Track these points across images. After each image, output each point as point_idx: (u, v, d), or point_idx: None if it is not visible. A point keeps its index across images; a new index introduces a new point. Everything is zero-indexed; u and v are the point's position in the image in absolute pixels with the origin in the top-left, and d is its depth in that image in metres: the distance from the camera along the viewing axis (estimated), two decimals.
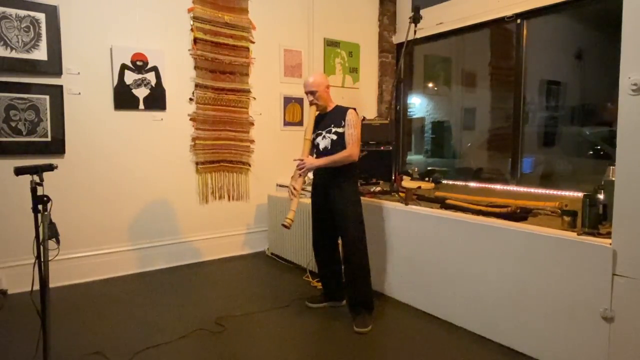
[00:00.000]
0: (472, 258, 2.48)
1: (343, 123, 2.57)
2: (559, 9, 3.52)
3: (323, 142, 2.64)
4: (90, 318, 2.69)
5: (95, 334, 2.48)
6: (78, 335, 2.45)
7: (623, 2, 1.84)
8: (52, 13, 3.09)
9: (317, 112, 2.69)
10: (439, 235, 2.67)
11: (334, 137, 2.59)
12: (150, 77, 3.53)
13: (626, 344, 1.87)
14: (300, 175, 2.59)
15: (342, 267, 2.73)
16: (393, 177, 3.48)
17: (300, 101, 4.41)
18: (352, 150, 2.53)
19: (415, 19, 3.73)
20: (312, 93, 2.61)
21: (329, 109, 2.69)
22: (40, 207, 1.76)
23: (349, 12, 4.70)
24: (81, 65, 3.25)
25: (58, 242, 1.79)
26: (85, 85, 3.28)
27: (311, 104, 2.66)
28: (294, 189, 2.56)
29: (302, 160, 2.58)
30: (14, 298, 2.98)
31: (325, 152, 2.62)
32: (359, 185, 2.75)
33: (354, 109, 2.62)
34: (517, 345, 2.27)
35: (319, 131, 2.67)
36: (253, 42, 4.04)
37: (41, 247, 1.74)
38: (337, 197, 2.60)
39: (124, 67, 3.40)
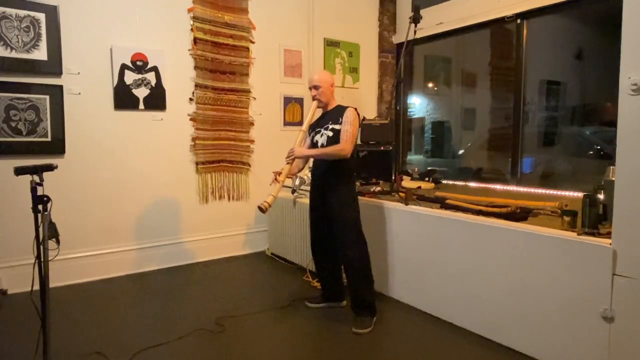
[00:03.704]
0: (472, 258, 2.47)
1: (340, 120, 2.58)
2: (559, 9, 3.52)
3: (320, 139, 2.65)
4: (90, 318, 2.69)
5: (95, 334, 2.48)
6: (78, 335, 2.45)
7: (623, 2, 1.84)
8: (52, 13, 3.09)
9: (319, 108, 2.72)
10: (439, 236, 2.67)
11: (330, 133, 2.60)
12: (150, 77, 3.53)
13: (626, 344, 1.87)
14: (287, 162, 2.62)
15: (343, 268, 2.73)
16: (393, 177, 3.48)
17: (300, 101, 4.41)
18: (345, 145, 2.51)
19: (415, 19, 3.72)
20: (316, 88, 2.64)
21: (330, 107, 2.70)
22: (40, 207, 1.76)
23: (349, 12, 4.70)
24: (81, 65, 3.25)
25: (58, 242, 1.79)
26: (85, 85, 3.28)
27: (314, 99, 2.68)
28: (278, 174, 2.60)
29: (293, 149, 2.62)
30: (14, 298, 2.98)
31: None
32: (355, 186, 2.74)
33: (355, 108, 2.63)
34: (517, 345, 2.27)
35: (318, 129, 2.69)
36: (253, 42, 4.04)
37: (41, 247, 1.74)
38: (333, 199, 2.60)
39: (124, 67, 3.40)
